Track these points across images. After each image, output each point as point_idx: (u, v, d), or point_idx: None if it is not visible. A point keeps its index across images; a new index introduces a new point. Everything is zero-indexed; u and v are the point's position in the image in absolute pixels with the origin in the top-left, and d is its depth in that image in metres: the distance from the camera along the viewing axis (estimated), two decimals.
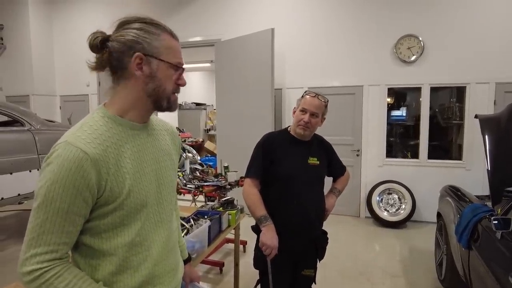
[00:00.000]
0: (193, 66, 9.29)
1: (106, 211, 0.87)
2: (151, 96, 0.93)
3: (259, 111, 4.68)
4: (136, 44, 0.89)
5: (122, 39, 0.89)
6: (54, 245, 0.80)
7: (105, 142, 0.87)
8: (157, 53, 0.90)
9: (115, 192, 0.86)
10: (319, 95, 1.82)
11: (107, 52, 0.90)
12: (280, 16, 5.13)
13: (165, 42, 0.92)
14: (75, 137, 0.84)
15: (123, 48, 0.89)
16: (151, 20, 0.93)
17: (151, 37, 0.90)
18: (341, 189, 2.05)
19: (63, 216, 0.80)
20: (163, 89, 0.93)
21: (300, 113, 1.80)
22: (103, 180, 0.84)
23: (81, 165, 0.80)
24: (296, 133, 1.84)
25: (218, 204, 2.68)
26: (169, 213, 1.06)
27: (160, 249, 0.99)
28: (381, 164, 4.84)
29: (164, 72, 0.92)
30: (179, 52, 0.96)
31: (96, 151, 0.83)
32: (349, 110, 4.93)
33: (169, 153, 1.08)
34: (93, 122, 0.89)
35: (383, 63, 4.72)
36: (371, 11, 4.73)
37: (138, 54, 0.88)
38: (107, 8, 6.30)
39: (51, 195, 0.80)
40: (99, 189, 0.84)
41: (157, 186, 0.99)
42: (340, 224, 4.65)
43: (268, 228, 1.69)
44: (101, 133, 0.87)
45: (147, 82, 0.91)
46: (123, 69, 0.91)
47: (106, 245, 0.90)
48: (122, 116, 0.93)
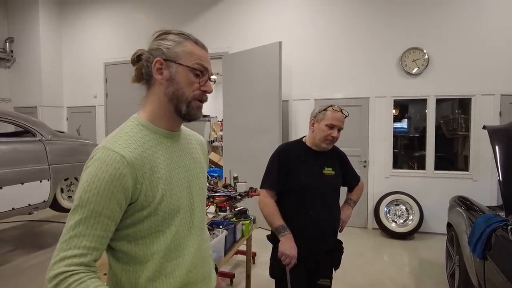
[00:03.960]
0: None
1: (141, 217, 0.89)
2: (172, 100, 0.96)
3: (267, 123, 4.72)
4: (158, 51, 0.95)
5: (148, 50, 0.97)
6: (84, 249, 0.80)
7: (140, 147, 0.90)
8: (176, 57, 0.94)
9: (149, 197, 0.89)
10: (343, 109, 1.85)
11: (140, 64, 0.98)
12: (287, 29, 5.23)
13: (186, 48, 0.96)
14: (112, 142, 0.88)
15: (148, 57, 0.96)
16: (177, 31, 0.99)
17: (172, 43, 0.95)
18: (356, 200, 2.06)
19: (96, 219, 0.82)
20: (182, 93, 0.95)
21: (326, 128, 1.81)
22: (139, 184, 0.87)
23: (117, 167, 0.83)
24: (320, 147, 1.86)
25: (231, 214, 2.69)
26: (201, 220, 1.08)
27: (193, 256, 1.00)
28: (388, 175, 4.85)
29: (183, 76, 0.95)
30: (204, 59, 0.98)
31: (132, 155, 0.86)
32: (356, 121, 4.97)
33: (199, 161, 1.11)
34: (128, 129, 0.94)
35: (389, 76, 4.79)
36: (376, 25, 4.83)
37: (157, 59, 0.94)
38: (116, 23, 6.43)
39: (87, 196, 0.82)
40: (134, 192, 0.87)
41: (189, 193, 1.02)
42: (348, 236, 4.61)
43: (286, 237, 1.70)
44: (136, 139, 0.91)
45: (167, 86, 0.95)
46: (150, 77, 0.97)
47: (143, 251, 0.91)
48: (154, 124, 0.97)
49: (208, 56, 1.02)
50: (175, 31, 0.99)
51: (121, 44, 6.31)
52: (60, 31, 6.91)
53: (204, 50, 1.01)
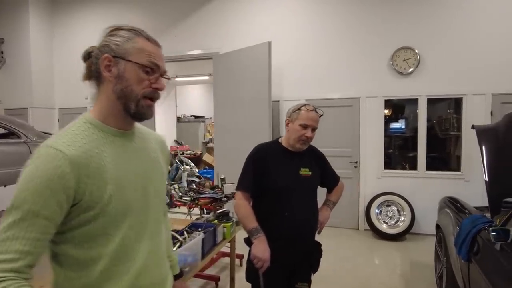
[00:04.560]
0: (192, 79, 9.34)
1: (88, 218, 0.85)
2: (120, 98, 0.92)
3: (257, 123, 4.68)
4: (106, 47, 0.91)
5: (98, 46, 0.93)
6: (16, 254, 0.75)
7: (86, 145, 0.86)
8: (125, 54, 0.91)
9: (95, 197, 0.84)
10: (317, 109, 1.81)
11: (90, 61, 0.95)
12: (278, 29, 5.19)
13: (137, 44, 0.92)
14: (55, 140, 0.84)
15: (98, 54, 0.92)
16: (128, 27, 0.95)
17: (122, 40, 0.92)
18: (335, 201, 2.01)
19: (32, 220, 0.77)
20: (131, 90, 0.91)
21: (300, 128, 1.77)
22: (83, 183, 0.83)
23: (58, 165, 0.79)
24: (295, 148, 1.81)
25: (213, 216, 2.64)
26: (156, 224, 1.03)
27: (144, 260, 0.95)
28: (379, 176, 4.81)
29: (132, 73, 0.91)
30: (156, 55, 0.95)
31: (76, 153, 0.82)
32: (347, 122, 4.92)
33: (157, 162, 1.07)
34: (75, 127, 0.90)
35: (380, 75, 4.75)
36: (367, 24, 4.79)
37: (105, 56, 0.90)
38: (107, 23, 6.35)
39: (23, 196, 0.77)
40: (78, 192, 0.82)
41: (142, 194, 0.97)
42: (339, 237, 4.58)
43: (259, 240, 1.65)
44: (82, 137, 0.87)
45: (116, 83, 0.91)
46: (99, 74, 0.93)
47: (89, 255, 0.87)
48: (104, 122, 0.93)
49: (160, 53, 0.98)
50: (127, 27, 0.95)
51: None
52: (52, 32, 6.85)
53: (157, 47, 0.97)
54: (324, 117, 5.42)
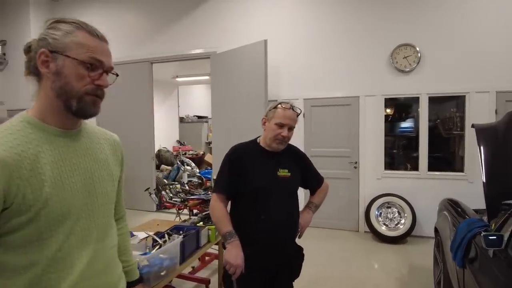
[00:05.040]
0: (193, 79, 9.31)
1: (20, 222, 0.79)
2: (60, 95, 0.86)
3: (253, 123, 4.58)
4: (44, 41, 0.85)
5: (36, 39, 0.87)
6: None
7: (20, 146, 0.80)
8: (63, 48, 0.85)
9: (28, 200, 0.79)
10: (294, 106, 1.73)
11: (30, 56, 0.89)
12: (275, 27, 5.10)
13: (77, 39, 0.86)
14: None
15: (36, 48, 0.86)
16: (70, 19, 0.89)
17: (61, 33, 0.86)
18: (318, 203, 1.91)
19: None
20: (71, 87, 0.86)
21: (276, 127, 1.68)
22: (14, 185, 0.77)
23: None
24: (271, 147, 1.73)
25: (198, 218, 2.57)
26: (102, 228, 0.97)
27: (84, 267, 0.89)
28: (379, 177, 4.67)
29: (71, 69, 0.85)
30: (99, 50, 0.89)
31: (6, 154, 0.77)
32: (346, 121, 4.81)
33: (106, 163, 1.01)
34: (9, 126, 0.84)
35: (379, 73, 4.62)
36: (366, 21, 4.66)
37: (42, 50, 0.84)
38: (106, 23, 6.37)
39: None
40: (8, 195, 0.77)
41: (86, 197, 0.91)
42: (338, 240, 4.47)
43: (232, 245, 1.57)
44: (16, 137, 0.81)
45: (54, 80, 0.86)
46: (37, 70, 0.87)
47: (21, 261, 0.81)
48: (43, 121, 0.87)
49: (105, 48, 0.92)
50: (69, 20, 0.89)
51: (112, 45, 6.13)
52: None
53: (101, 41, 0.91)
54: (322, 117, 5.32)
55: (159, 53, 5.88)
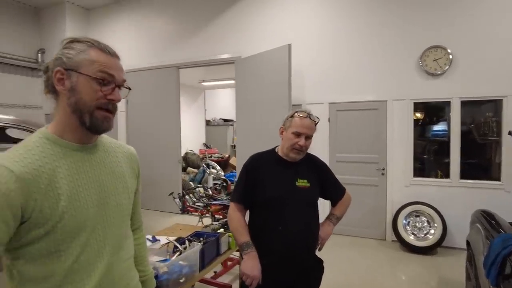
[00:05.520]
0: (219, 83, 9.43)
1: (38, 235, 0.83)
2: (75, 111, 0.90)
3: (277, 127, 4.55)
4: (59, 60, 0.89)
5: (53, 60, 0.91)
6: None
7: (38, 161, 0.84)
8: (76, 66, 0.89)
9: (46, 214, 0.82)
10: (311, 115, 1.69)
11: (48, 75, 0.93)
12: (300, 31, 5.06)
13: (89, 56, 0.90)
14: (4, 156, 0.83)
15: (52, 67, 0.90)
16: (84, 38, 0.93)
17: (74, 52, 0.90)
18: (339, 215, 1.86)
19: None
20: (84, 103, 0.89)
21: (293, 136, 1.66)
22: (32, 200, 0.81)
23: (3, 182, 0.78)
24: (289, 157, 1.71)
25: (219, 225, 2.58)
26: (118, 240, 1.00)
27: (100, 278, 0.92)
28: (408, 184, 4.50)
29: (84, 85, 0.89)
30: (111, 66, 0.92)
31: (24, 170, 0.81)
32: (372, 126, 4.67)
33: (121, 176, 1.04)
34: (29, 142, 0.88)
35: (408, 77, 4.45)
36: (393, 23, 4.52)
37: (57, 69, 0.88)
38: (136, 30, 6.60)
39: None
40: (26, 210, 0.80)
41: (101, 209, 0.94)
42: (363, 248, 4.35)
43: (249, 256, 1.56)
44: (35, 153, 0.85)
45: (69, 96, 0.90)
46: (54, 88, 0.91)
47: (40, 272, 0.85)
48: (61, 137, 0.91)
49: (117, 63, 0.95)
50: (83, 39, 0.93)
51: (141, 52, 6.45)
52: None
53: (112, 57, 0.94)
54: (348, 121, 5.21)
55: (186, 58, 6.00)
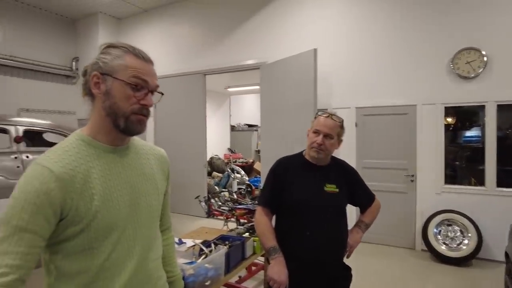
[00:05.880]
0: (244, 89, 9.52)
1: (74, 232, 0.87)
2: (109, 114, 0.93)
3: (303, 132, 4.52)
4: (96, 65, 0.93)
5: (90, 64, 0.95)
6: (6, 268, 0.77)
7: (74, 162, 0.88)
8: (112, 71, 0.92)
9: (81, 212, 0.86)
10: (333, 115, 1.68)
11: (85, 78, 0.97)
12: (325, 35, 5.03)
13: (124, 61, 0.93)
14: (44, 157, 0.87)
15: (89, 71, 0.94)
16: (120, 44, 0.96)
17: (110, 57, 0.93)
18: (368, 222, 1.82)
19: (21, 235, 0.79)
20: (118, 107, 0.92)
21: (313, 135, 1.67)
22: (69, 198, 0.85)
23: (45, 182, 0.82)
24: (310, 157, 1.70)
25: (244, 229, 2.58)
26: (147, 240, 1.02)
27: (129, 276, 0.95)
28: (439, 191, 4.33)
29: (118, 90, 0.92)
30: (145, 72, 0.94)
31: (62, 170, 0.85)
32: (401, 131, 4.54)
33: (152, 177, 1.07)
34: (66, 144, 0.93)
35: (438, 80, 4.30)
36: (422, 25, 4.39)
37: (94, 73, 0.92)
38: (164, 38, 6.80)
39: (11, 212, 0.81)
40: (64, 207, 0.84)
41: (132, 210, 0.97)
42: (391, 257, 4.21)
43: (276, 261, 1.55)
44: (71, 154, 0.90)
45: (104, 100, 0.93)
46: (90, 91, 0.95)
47: (74, 267, 0.89)
48: (95, 138, 0.95)
49: (150, 69, 0.98)
50: (119, 44, 0.96)
51: (169, 59, 6.63)
52: None
53: (146, 63, 0.97)
54: (376, 126, 5.11)
55: (212, 65, 6.11)
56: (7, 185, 3.17)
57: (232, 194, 3.77)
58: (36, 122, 3.83)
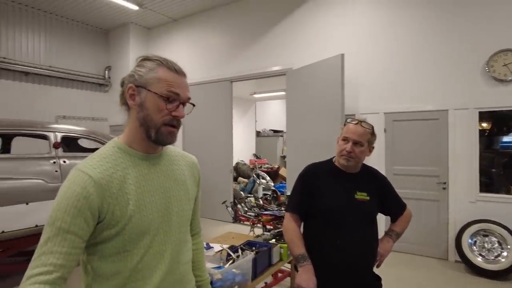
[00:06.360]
0: (269, 95, 9.56)
1: (110, 235, 0.92)
2: (143, 125, 0.98)
3: (329, 138, 4.50)
4: (131, 77, 0.98)
5: (127, 76, 1.01)
6: (50, 266, 0.83)
7: (111, 168, 0.94)
8: (146, 84, 0.96)
9: (117, 216, 0.91)
10: (363, 122, 1.66)
11: (122, 89, 1.02)
12: (352, 40, 4.97)
13: (157, 74, 0.97)
14: (84, 164, 0.93)
15: (126, 83, 1.00)
16: (155, 57, 1.00)
17: (145, 70, 0.97)
18: (399, 232, 1.77)
19: (63, 236, 0.85)
20: (151, 119, 0.96)
21: (342, 142, 1.66)
22: (106, 203, 0.90)
23: (84, 186, 0.88)
24: (340, 164, 1.69)
25: (270, 235, 2.59)
26: (177, 244, 1.05)
27: (160, 280, 0.99)
28: (473, 200, 4.13)
29: (151, 102, 0.96)
30: (177, 84, 0.98)
31: (100, 176, 0.90)
32: (432, 137, 4.39)
33: (184, 183, 1.10)
34: (104, 151, 0.98)
35: (472, 84, 4.13)
36: (454, 27, 4.24)
37: (130, 86, 0.97)
38: (191, 46, 6.98)
39: (55, 214, 0.87)
40: (102, 211, 0.90)
41: (164, 214, 1.01)
42: (423, 268, 4.05)
43: (305, 269, 1.54)
44: (109, 161, 0.95)
45: (139, 111, 0.98)
46: (127, 102, 1.00)
47: (109, 269, 0.94)
48: (130, 146, 1.00)
49: (182, 81, 1.01)
50: (153, 57, 1.01)
51: (196, 66, 6.79)
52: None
53: (179, 76, 1.01)
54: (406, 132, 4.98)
55: (239, 72, 6.20)
56: (47, 188, 3.35)
57: (258, 199, 3.78)
58: (73, 128, 4.03)
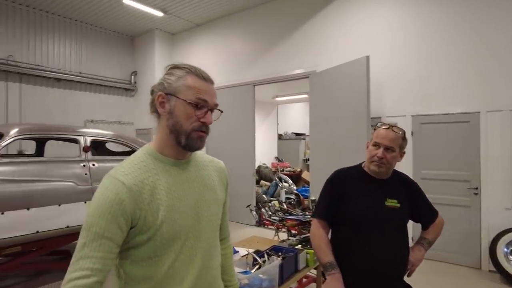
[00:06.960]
0: (291, 98, 9.52)
1: (142, 240, 0.94)
2: (172, 132, 0.99)
3: (354, 141, 4.42)
4: (161, 85, 1.00)
5: (157, 84, 1.03)
6: (88, 271, 0.85)
7: (142, 174, 0.96)
8: (175, 91, 0.98)
9: (148, 222, 0.93)
10: (394, 127, 1.61)
11: (152, 97, 1.04)
12: (377, 41, 4.88)
13: (186, 82, 0.99)
14: (116, 170, 0.96)
15: (156, 91, 1.02)
16: (183, 65, 1.02)
17: (174, 78, 1.00)
18: (431, 240, 1.71)
19: (99, 241, 0.87)
20: (180, 125, 0.98)
21: (373, 148, 1.61)
22: (138, 209, 0.92)
23: (117, 192, 0.90)
24: (370, 170, 1.64)
25: (296, 241, 2.56)
26: (207, 249, 1.06)
27: (191, 285, 0.99)
28: (509, 207, 3.93)
29: (180, 109, 0.98)
30: (204, 91, 1.00)
31: (132, 182, 0.92)
32: (463, 140, 4.23)
33: (213, 189, 1.11)
34: (135, 158, 1.01)
35: (505, 85, 3.94)
36: (486, 24, 4.07)
37: (159, 94, 0.99)
38: (215, 51, 7.06)
39: (91, 220, 0.89)
40: (134, 217, 0.92)
41: (194, 219, 1.02)
42: (455, 277, 3.89)
43: (333, 277, 1.51)
44: (140, 167, 0.97)
45: (168, 118, 1.00)
46: (156, 110, 1.02)
47: (141, 273, 0.95)
48: (161, 153, 1.02)
49: (210, 88, 1.03)
50: (182, 65, 1.03)
51: (219, 70, 6.86)
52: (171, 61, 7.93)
53: (207, 83, 1.02)
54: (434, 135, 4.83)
55: (261, 75, 6.21)
56: (77, 190, 3.47)
57: (282, 204, 3.76)
58: (102, 132, 4.16)
